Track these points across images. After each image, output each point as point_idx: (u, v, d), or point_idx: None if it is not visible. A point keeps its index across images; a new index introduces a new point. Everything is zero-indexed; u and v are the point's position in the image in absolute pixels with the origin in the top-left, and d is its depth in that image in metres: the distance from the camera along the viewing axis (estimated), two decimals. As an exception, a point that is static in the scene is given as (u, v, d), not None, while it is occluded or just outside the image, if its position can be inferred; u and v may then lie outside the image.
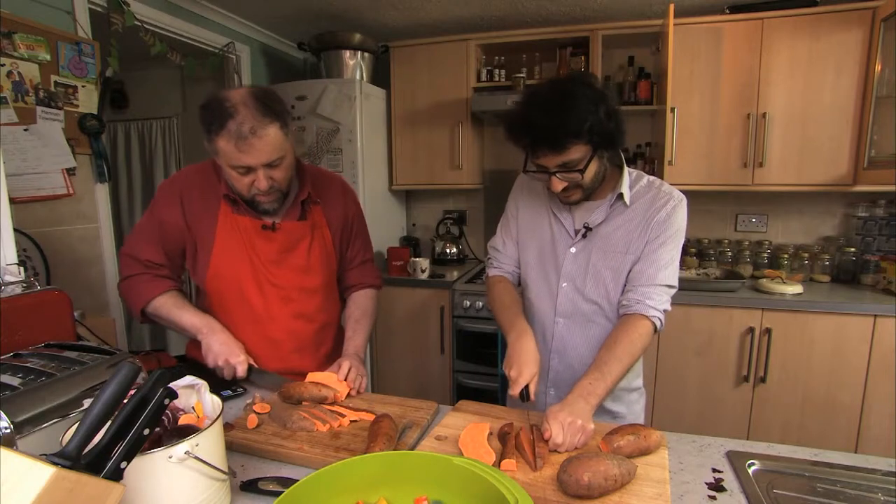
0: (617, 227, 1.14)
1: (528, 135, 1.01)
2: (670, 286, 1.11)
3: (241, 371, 1.17)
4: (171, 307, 1.22)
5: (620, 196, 1.13)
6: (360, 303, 1.41)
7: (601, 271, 1.15)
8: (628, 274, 1.14)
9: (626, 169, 1.15)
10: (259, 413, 1.04)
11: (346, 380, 1.18)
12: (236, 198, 1.19)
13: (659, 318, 1.08)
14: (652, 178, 1.18)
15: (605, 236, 1.14)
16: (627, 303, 1.11)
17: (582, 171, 1.03)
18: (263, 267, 1.24)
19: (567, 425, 0.90)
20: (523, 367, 1.04)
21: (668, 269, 1.10)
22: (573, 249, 1.17)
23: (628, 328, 1.07)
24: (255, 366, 1.20)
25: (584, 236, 1.16)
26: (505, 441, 0.91)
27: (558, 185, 1.06)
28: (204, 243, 1.22)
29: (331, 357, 1.33)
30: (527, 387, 1.02)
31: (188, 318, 1.21)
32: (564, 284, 1.18)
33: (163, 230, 1.22)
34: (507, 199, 1.32)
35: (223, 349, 1.17)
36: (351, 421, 1.03)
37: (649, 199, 1.13)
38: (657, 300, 1.08)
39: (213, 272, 1.22)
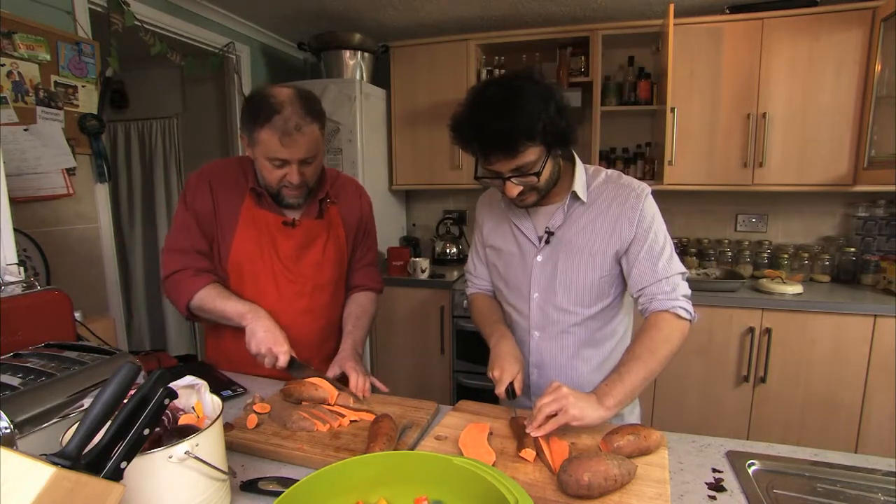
0: (580, 228, 1.10)
1: (477, 140, 0.95)
2: (679, 273, 1.06)
3: (283, 361, 1.16)
4: (216, 297, 1.23)
5: (576, 195, 1.09)
6: (362, 302, 1.44)
7: (569, 277, 1.11)
8: (620, 280, 1.12)
9: (579, 166, 1.10)
10: (259, 413, 1.04)
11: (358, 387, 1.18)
12: (262, 191, 1.24)
13: (681, 307, 1.03)
14: (610, 172, 1.13)
15: (568, 240, 1.10)
16: (641, 307, 1.08)
17: (538, 174, 0.98)
18: (281, 262, 1.27)
19: (557, 391, 0.90)
20: (504, 365, 1.05)
21: (663, 259, 1.05)
22: (539, 258, 1.14)
23: (646, 326, 1.04)
24: (297, 359, 1.20)
25: (547, 242, 1.12)
26: (522, 431, 0.91)
27: (513, 189, 1.01)
28: (225, 233, 1.26)
29: (332, 356, 1.34)
30: (512, 384, 1.03)
31: (232, 305, 1.22)
32: (536, 295, 1.15)
33: (199, 219, 1.25)
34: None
35: (267, 336, 1.16)
36: (351, 421, 1.03)
37: (610, 196, 1.09)
38: (669, 291, 1.04)
39: (234, 263, 1.26)
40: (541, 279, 1.14)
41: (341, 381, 1.21)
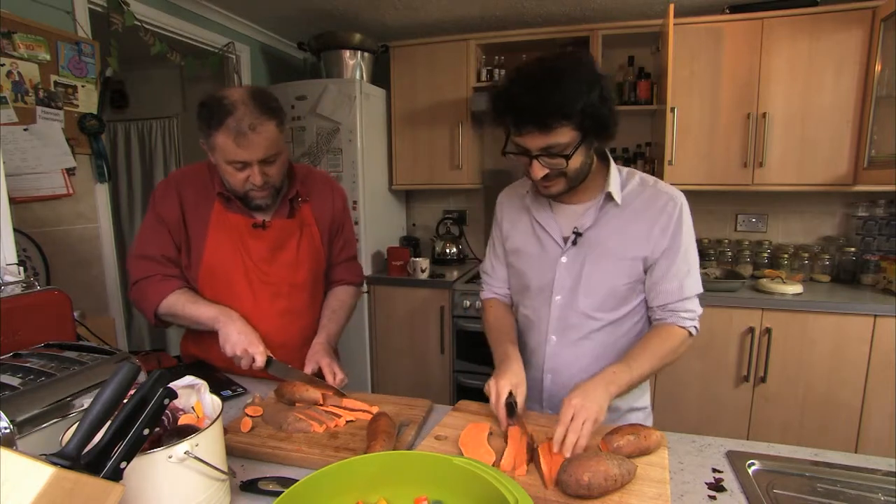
0: (611, 230, 1.06)
1: (512, 110, 0.92)
2: (699, 293, 1.07)
3: (260, 361, 1.15)
4: (185, 303, 1.22)
5: (609, 196, 1.05)
6: (340, 296, 1.44)
7: (596, 280, 1.07)
8: (645, 285, 1.09)
9: (613, 166, 1.07)
10: (252, 416, 1.03)
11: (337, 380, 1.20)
12: (230, 195, 1.22)
13: (694, 326, 1.05)
14: (644, 175, 1.10)
15: (598, 241, 1.06)
16: (659, 317, 1.07)
17: (567, 157, 0.94)
18: (255, 264, 1.26)
19: (576, 415, 0.86)
20: (500, 380, 0.98)
21: (690, 277, 1.05)
22: (564, 259, 1.09)
23: (661, 332, 1.04)
24: (274, 357, 1.19)
25: (574, 243, 1.07)
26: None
27: (539, 170, 0.97)
28: (197, 240, 1.25)
29: None
30: (513, 398, 0.96)
31: (203, 310, 1.22)
32: (557, 297, 1.10)
33: (167, 226, 1.25)
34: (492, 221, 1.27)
35: (241, 338, 1.16)
36: (347, 421, 1.02)
37: (647, 200, 1.05)
38: (691, 311, 1.05)
39: (206, 268, 1.25)
40: (565, 281, 1.09)
41: (318, 376, 1.22)
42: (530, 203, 1.14)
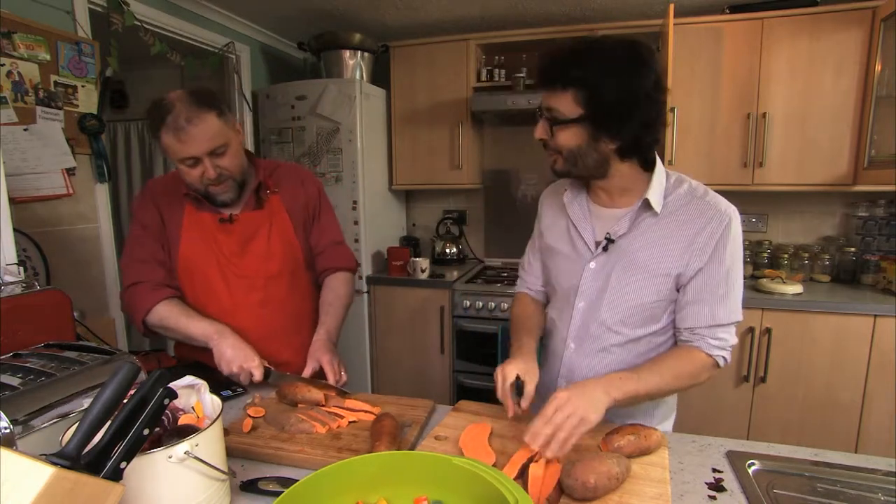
0: (646, 242, 0.98)
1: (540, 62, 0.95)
2: (736, 322, 0.98)
3: (258, 375, 1.15)
4: (178, 315, 1.22)
5: (648, 203, 0.98)
6: (333, 286, 1.42)
7: (620, 293, 1.01)
8: (674, 305, 1.02)
9: (660, 170, 1.00)
10: (254, 417, 1.03)
11: (338, 378, 1.21)
12: (197, 195, 1.24)
13: (723, 357, 0.98)
14: (696, 184, 1.02)
15: (630, 251, 0.99)
16: (685, 339, 1.01)
17: (552, 124, 0.93)
18: (227, 259, 1.28)
19: (560, 408, 0.80)
20: (506, 366, 0.95)
21: (727, 303, 0.96)
22: (592, 265, 1.04)
23: (682, 352, 0.98)
24: (272, 368, 1.19)
25: (605, 249, 1.02)
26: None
27: (538, 129, 0.97)
28: (174, 242, 1.27)
29: (307, 346, 1.33)
30: (520, 380, 0.92)
31: (196, 325, 1.21)
32: (581, 304, 1.06)
33: (150, 231, 1.28)
34: (535, 216, 1.24)
35: (237, 354, 1.16)
36: (350, 421, 1.02)
37: (691, 212, 0.97)
38: (722, 339, 0.98)
39: (183, 267, 1.27)
40: (589, 289, 1.05)
41: (319, 375, 1.22)
42: (568, 202, 1.09)
